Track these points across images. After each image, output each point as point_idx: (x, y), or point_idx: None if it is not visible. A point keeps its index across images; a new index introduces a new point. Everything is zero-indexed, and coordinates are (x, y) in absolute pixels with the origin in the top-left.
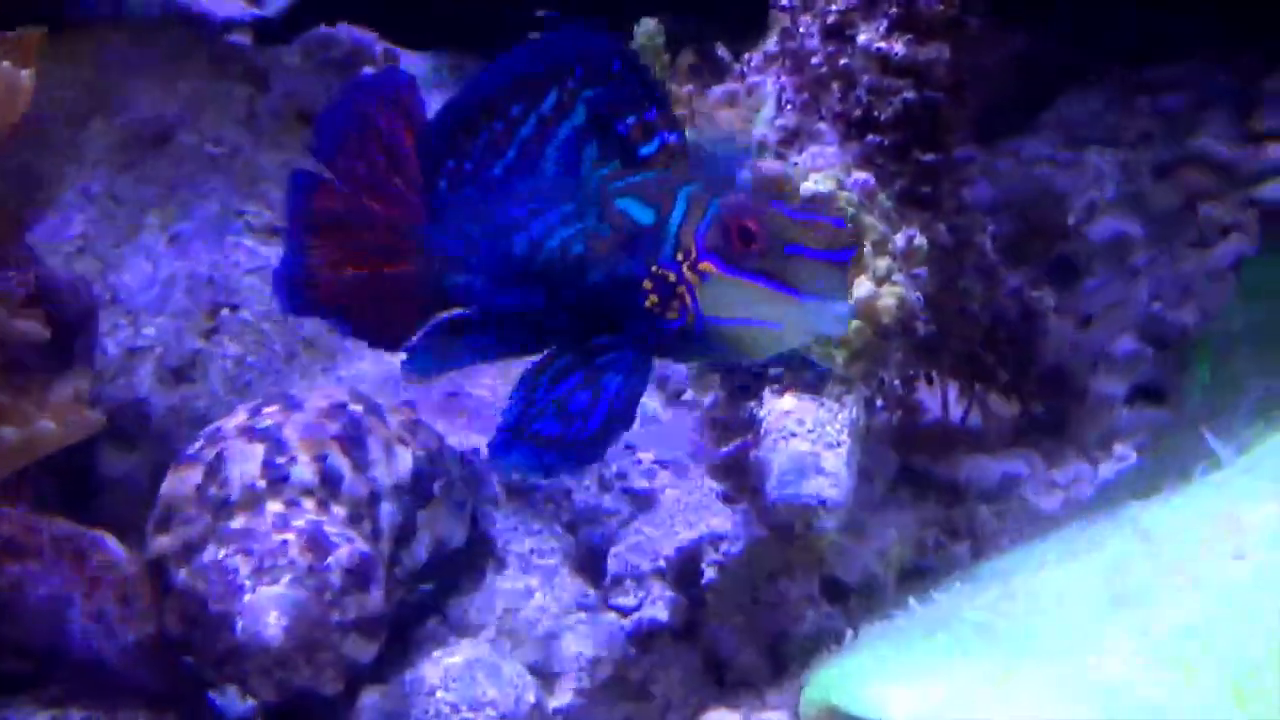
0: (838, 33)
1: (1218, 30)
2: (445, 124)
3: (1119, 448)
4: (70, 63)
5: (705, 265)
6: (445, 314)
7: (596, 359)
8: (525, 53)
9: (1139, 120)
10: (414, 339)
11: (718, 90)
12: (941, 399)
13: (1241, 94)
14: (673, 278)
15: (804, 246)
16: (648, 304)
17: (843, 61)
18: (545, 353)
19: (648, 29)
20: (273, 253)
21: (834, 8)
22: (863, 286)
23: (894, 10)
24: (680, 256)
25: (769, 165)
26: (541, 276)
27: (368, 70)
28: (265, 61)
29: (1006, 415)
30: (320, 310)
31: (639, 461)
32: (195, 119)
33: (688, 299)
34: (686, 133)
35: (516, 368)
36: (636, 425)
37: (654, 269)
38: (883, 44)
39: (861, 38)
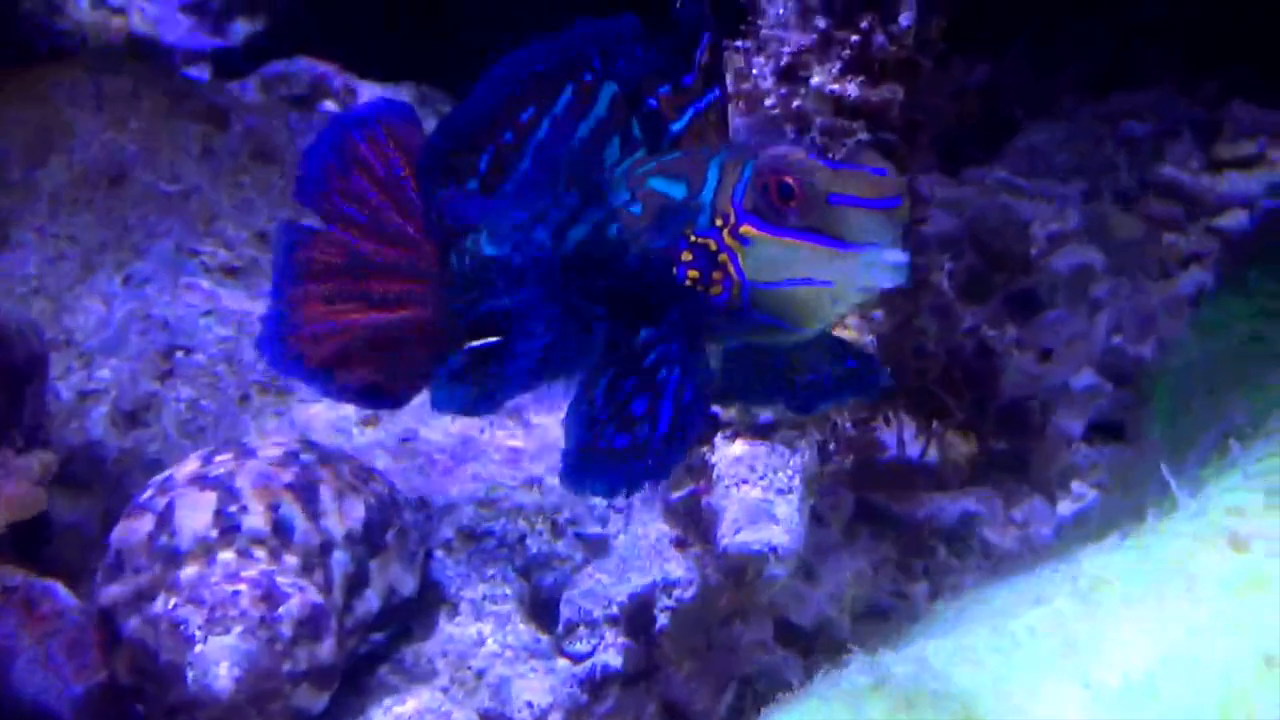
0: (791, 74)
1: (1181, 59)
2: (439, 146)
3: (1077, 486)
4: (27, 100)
5: (746, 229)
6: (473, 344)
7: (644, 359)
8: (535, 50)
9: (1103, 149)
10: (443, 372)
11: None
12: (898, 437)
13: (1205, 122)
14: (714, 246)
15: (848, 196)
16: (689, 280)
17: (796, 103)
18: (591, 367)
19: None
20: (228, 294)
21: (787, 49)
22: None
23: (847, 52)
24: (719, 223)
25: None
26: (574, 270)
27: (327, 104)
28: (223, 97)
29: (965, 453)
30: (312, 373)
31: (593, 507)
32: (152, 157)
33: (731, 267)
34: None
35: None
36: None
37: (693, 239)
38: (836, 86)
39: (815, 79)
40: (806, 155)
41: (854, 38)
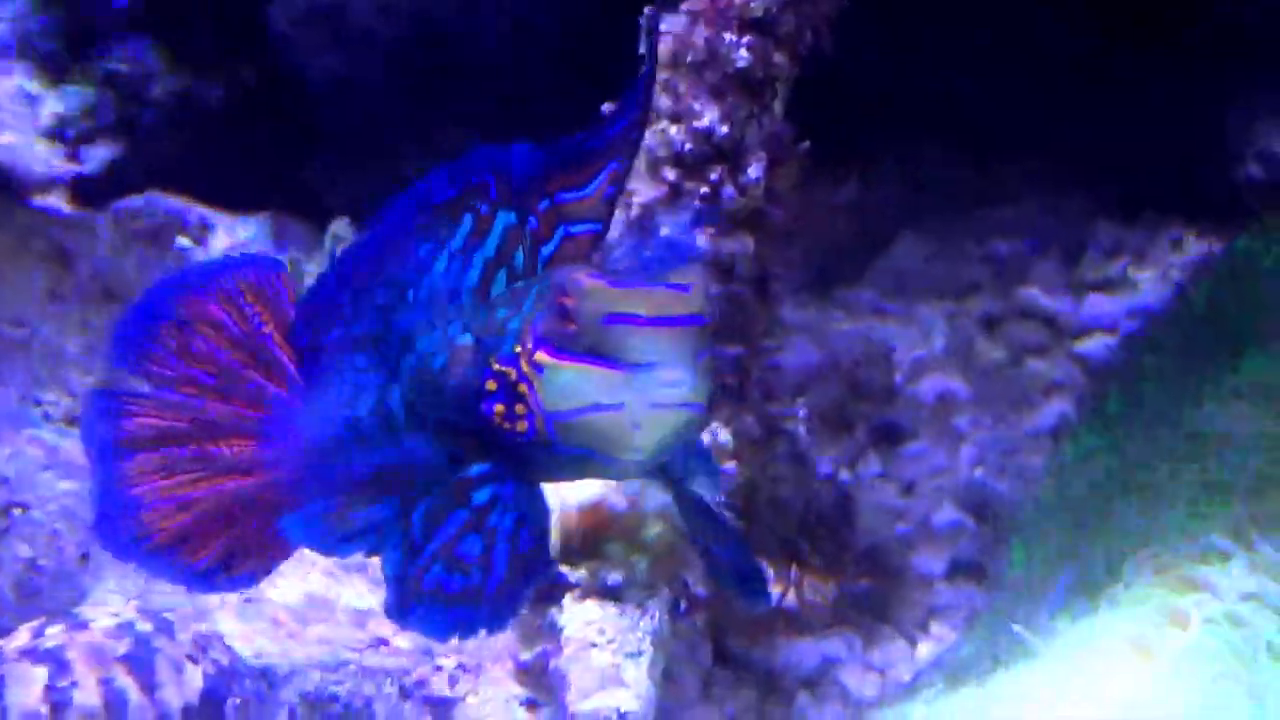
0: (640, 226)
1: (1048, 176)
2: (318, 297)
3: (937, 628)
4: None
5: (539, 355)
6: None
7: (473, 496)
8: (431, 183)
9: (969, 268)
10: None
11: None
12: None
13: (1068, 241)
14: (513, 375)
15: (629, 315)
16: (496, 416)
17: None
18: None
19: None
20: (71, 445)
21: (637, 200)
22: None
23: (697, 204)
24: (519, 350)
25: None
26: (410, 410)
27: (181, 241)
28: (72, 235)
29: (824, 597)
30: (153, 554)
31: (439, 668)
32: None
33: (530, 398)
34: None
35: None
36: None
37: (495, 368)
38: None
39: (664, 231)
40: (596, 273)
41: (703, 190)
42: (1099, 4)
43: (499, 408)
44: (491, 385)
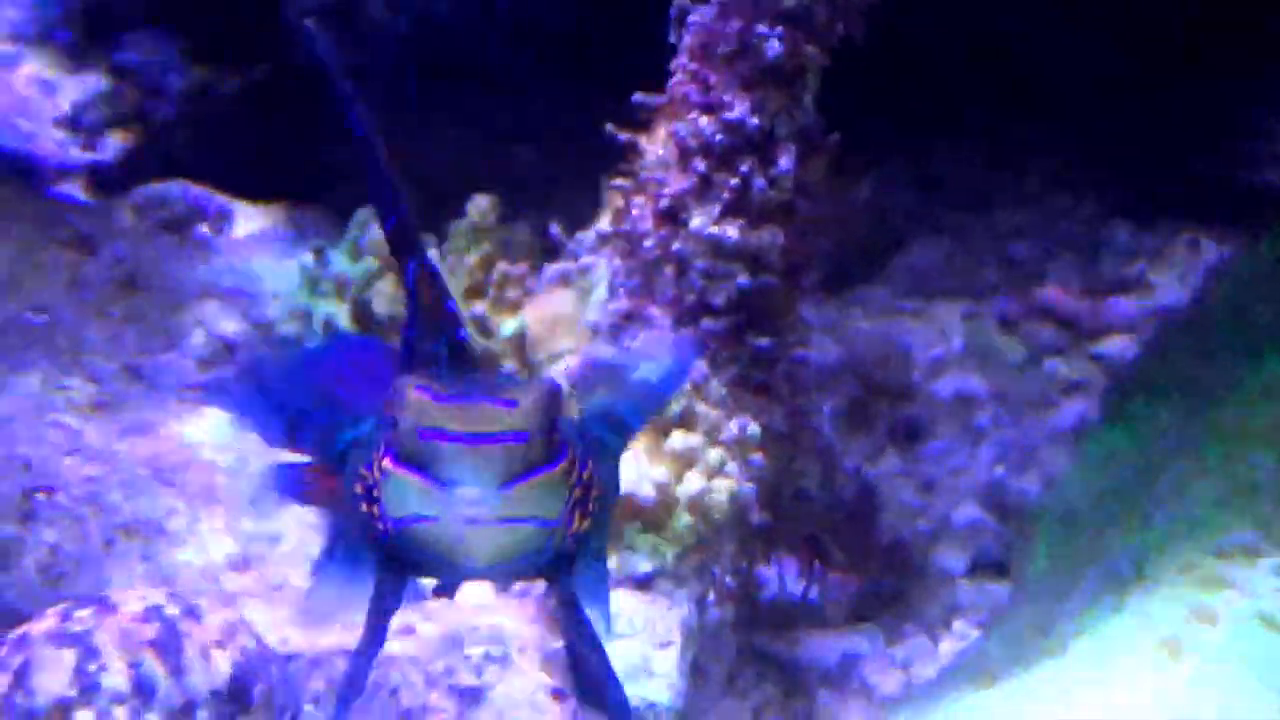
0: (671, 216)
1: (1064, 179)
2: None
3: (959, 625)
4: None
5: (385, 461)
6: None
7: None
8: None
9: (986, 269)
10: None
11: (552, 270)
12: (780, 577)
13: (1086, 241)
14: (370, 479)
15: (440, 430)
16: (365, 512)
17: (675, 246)
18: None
19: (480, 206)
20: (94, 430)
21: (667, 191)
22: (693, 481)
23: (727, 195)
24: (375, 455)
25: (602, 349)
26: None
27: (201, 229)
28: (93, 222)
29: (846, 592)
30: None
31: (467, 657)
32: (16, 286)
33: (379, 503)
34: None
35: None
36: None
37: (360, 470)
38: (715, 229)
39: (694, 222)
40: (423, 385)
41: (733, 181)
42: (1117, 18)
43: (364, 507)
44: (359, 488)
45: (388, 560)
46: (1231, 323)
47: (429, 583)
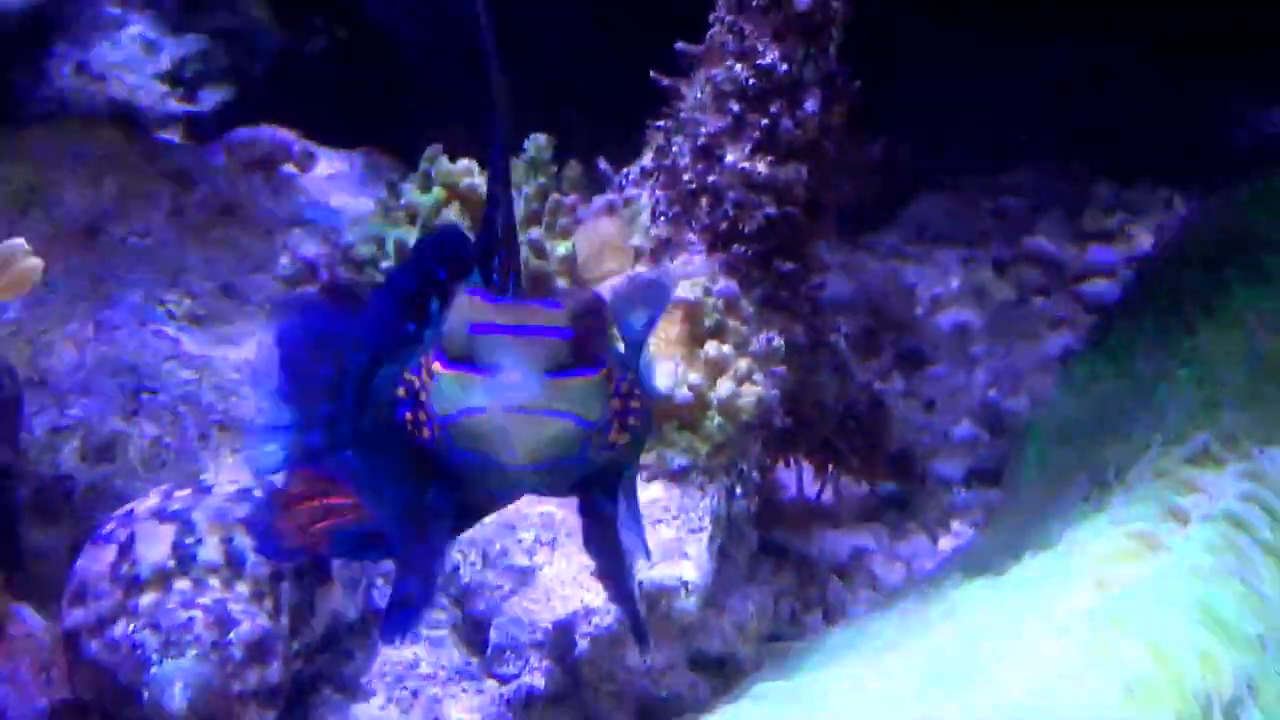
0: (707, 153)
1: (1054, 142)
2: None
3: (957, 525)
4: (10, 160)
5: (434, 364)
6: None
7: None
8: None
9: (981, 220)
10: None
11: (599, 201)
12: (798, 480)
13: (1072, 198)
14: (416, 383)
15: (489, 324)
16: (406, 422)
17: (711, 179)
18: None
19: (538, 143)
20: (191, 340)
21: (704, 130)
22: (724, 386)
23: (758, 134)
24: (422, 360)
25: (644, 272)
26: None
27: (287, 168)
28: (191, 159)
29: (857, 494)
30: None
31: (520, 540)
32: (123, 213)
33: (426, 405)
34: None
35: None
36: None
37: (405, 376)
38: (747, 164)
39: (728, 158)
40: (479, 289)
41: (764, 121)
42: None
43: (408, 415)
44: (402, 392)
45: (433, 474)
46: (1202, 263)
47: None
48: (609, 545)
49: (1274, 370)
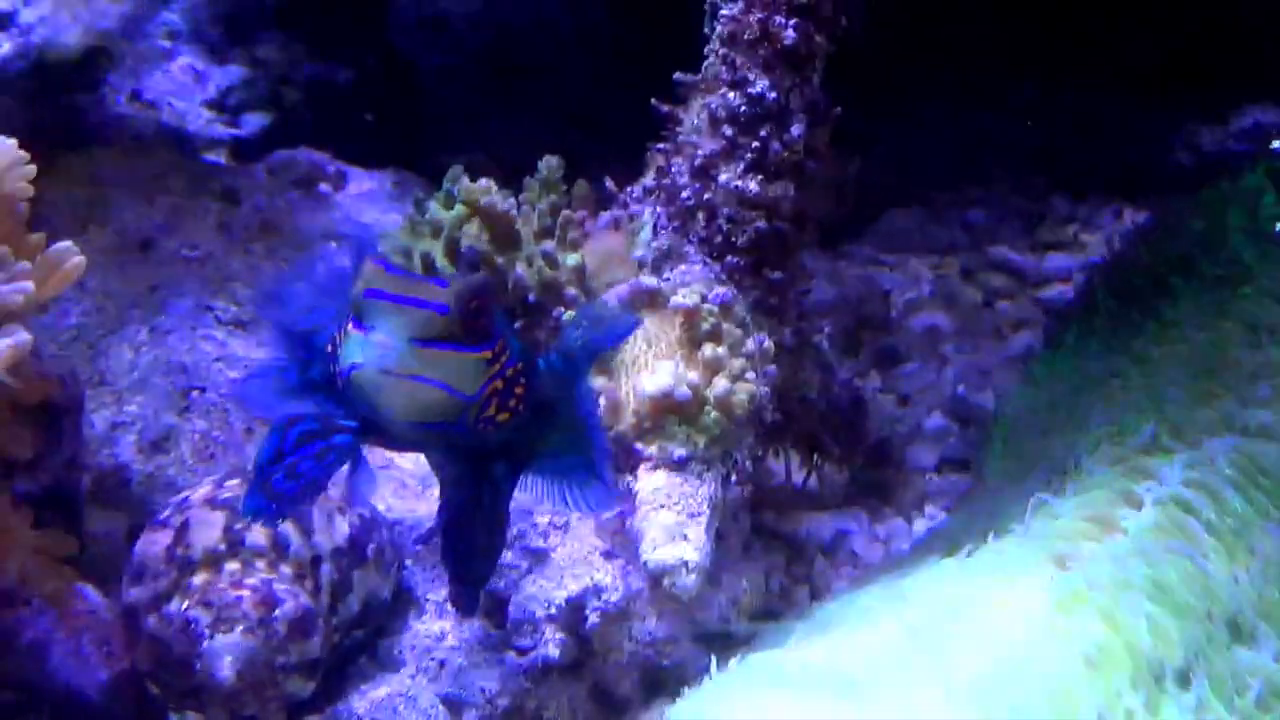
0: (704, 173)
1: (1014, 162)
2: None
3: (930, 509)
4: (72, 180)
5: (348, 324)
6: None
7: (334, 435)
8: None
9: (949, 231)
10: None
11: (605, 216)
12: (786, 468)
13: (1032, 211)
14: (338, 338)
15: (378, 290)
16: (333, 374)
17: (707, 196)
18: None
19: (550, 164)
20: (237, 343)
21: (700, 152)
22: (720, 384)
23: (749, 156)
24: (346, 323)
25: (646, 281)
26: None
27: (322, 186)
28: (236, 179)
29: (839, 481)
30: None
31: (535, 524)
32: (176, 229)
33: (336, 358)
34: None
35: None
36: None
37: (335, 334)
38: (740, 183)
39: (723, 177)
40: (383, 259)
41: (754, 144)
42: (1057, 39)
43: (333, 366)
44: (330, 348)
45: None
46: (1149, 271)
47: None
48: (492, 516)
49: (1210, 366)
